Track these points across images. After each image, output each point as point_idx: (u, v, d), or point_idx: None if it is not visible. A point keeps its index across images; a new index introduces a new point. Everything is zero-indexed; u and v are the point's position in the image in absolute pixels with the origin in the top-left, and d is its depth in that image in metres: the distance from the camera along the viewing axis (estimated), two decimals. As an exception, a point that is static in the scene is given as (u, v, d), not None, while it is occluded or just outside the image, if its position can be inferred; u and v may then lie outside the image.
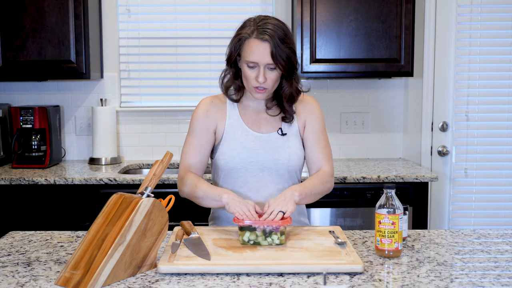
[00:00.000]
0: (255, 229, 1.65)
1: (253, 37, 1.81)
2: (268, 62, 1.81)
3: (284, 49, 1.81)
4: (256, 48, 1.81)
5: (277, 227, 1.66)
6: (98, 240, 1.43)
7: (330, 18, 3.11)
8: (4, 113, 3.32)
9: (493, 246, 1.73)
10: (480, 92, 3.44)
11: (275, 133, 1.94)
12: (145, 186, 1.53)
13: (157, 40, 3.50)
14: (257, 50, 1.81)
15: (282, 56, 1.81)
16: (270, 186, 1.92)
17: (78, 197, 2.91)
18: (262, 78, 1.82)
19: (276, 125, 1.96)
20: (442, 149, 3.47)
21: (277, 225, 1.65)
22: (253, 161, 1.90)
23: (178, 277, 1.44)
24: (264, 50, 1.80)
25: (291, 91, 1.91)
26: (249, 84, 1.87)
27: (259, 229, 1.65)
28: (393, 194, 1.60)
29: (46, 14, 3.10)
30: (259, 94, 1.88)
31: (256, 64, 1.82)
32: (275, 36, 1.80)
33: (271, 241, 1.66)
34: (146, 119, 3.51)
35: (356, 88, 3.51)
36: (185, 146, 1.97)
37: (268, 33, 1.80)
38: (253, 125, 1.95)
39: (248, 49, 1.83)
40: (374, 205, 1.66)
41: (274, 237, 1.66)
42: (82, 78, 3.19)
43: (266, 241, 1.66)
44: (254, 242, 1.66)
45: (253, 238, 1.66)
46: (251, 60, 1.82)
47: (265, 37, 1.79)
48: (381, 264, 1.55)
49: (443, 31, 3.42)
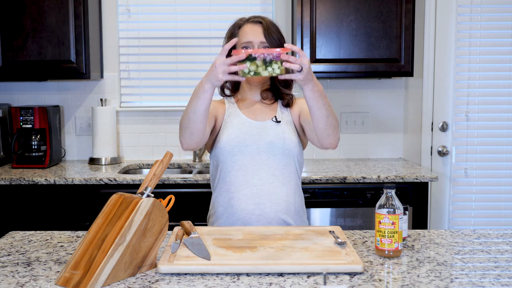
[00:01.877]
0: (255, 58, 1.61)
1: (246, 23, 2.00)
2: (262, 41, 1.95)
3: (275, 32, 1.98)
4: (249, 29, 1.97)
5: (278, 55, 1.60)
6: (98, 240, 1.43)
7: (330, 18, 3.11)
8: (4, 113, 3.32)
9: (493, 246, 1.73)
10: (480, 92, 3.44)
11: (270, 120, 2.01)
12: (145, 186, 1.53)
13: (157, 40, 3.50)
14: (250, 31, 1.97)
15: (274, 37, 1.96)
16: (267, 170, 1.96)
17: (78, 197, 2.91)
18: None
19: (271, 113, 2.04)
20: (442, 149, 3.47)
21: (278, 53, 1.60)
22: (249, 145, 1.96)
23: (178, 277, 1.44)
24: (257, 30, 1.96)
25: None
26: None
27: (259, 58, 1.61)
28: (393, 194, 1.60)
29: (46, 14, 3.10)
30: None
31: (250, 44, 1.95)
32: (266, 21, 1.99)
33: (271, 71, 1.61)
34: (146, 119, 3.51)
35: (356, 88, 3.51)
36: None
37: (259, 19, 2.00)
38: (249, 114, 2.03)
39: (242, 33, 1.98)
40: (374, 205, 1.66)
41: (274, 66, 1.61)
42: (82, 78, 3.19)
43: (267, 71, 1.62)
44: (254, 73, 1.62)
45: (253, 69, 1.62)
46: (245, 40, 1.96)
47: (258, 19, 1.99)
48: (381, 264, 1.55)
49: (443, 31, 3.42)
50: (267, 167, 1.96)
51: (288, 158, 1.98)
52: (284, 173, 1.98)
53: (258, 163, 1.96)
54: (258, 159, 1.96)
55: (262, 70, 1.62)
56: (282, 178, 1.97)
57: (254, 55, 1.61)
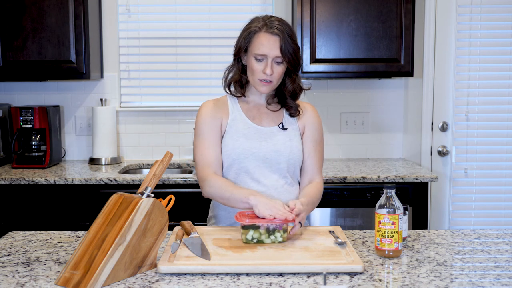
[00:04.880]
0: (259, 227, 1.66)
1: (263, 31, 1.88)
2: (277, 55, 1.87)
3: (291, 44, 1.88)
4: (266, 41, 1.87)
5: (281, 225, 1.66)
6: (98, 240, 1.43)
7: (330, 18, 3.11)
8: (4, 113, 3.32)
9: (493, 246, 1.73)
10: (480, 92, 3.44)
11: (276, 127, 1.98)
12: (145, 186, 1.53)
13: (157, 40, 3.50)
14: (267, 43, 1.87)
15: (290, 50, 1.87)
16: (272, 177, 1.94)
17: (78, 197, 2.91)
18: (269, 70, 1.87)
19: (277, 120, 2.00)
20: (442, 149, 3.47)
21: (281, 223, 1.66)
22: (255, 152, 1.93)
23: (178, 277, 1.44)
24: (274, 43, 1.87)
25: (294, 87, 1.96)
26: (254, 77, 1.91)
27: (263, 227, 1.66)
28: (393, 194, 1.60)
29: (46, 14, 3.10)
30: (264, 87, 1.91)
31: (265, 57, 1.88)
32: (284, 32, 1.87)
33: (274, 239, 1.66)
34: (146, 119, 3.51)
35: (356, 88, 3.51)
36: (197, 149, 1.97)
37: (277, 28, 1.87)
38: (254, 119, 1.98)
39: (257, 42, 1.88)
40: (374, 205, 1.66)
41: (277, 235, 1.67)
42: (82, 78, 3.19)
43: (269, 239, 1.66)
44: (257, 241, 1.66)
45: (256, 236, 1.66)
46: (260, 53, 1.87)
47: (275, 31, 1.87)
48: (381, 264, 1.55)
49: (443, 31, 3.42)
50: (271, 174, 1.94)
51: (293, 165, 1.96)
52: (288, 181, 1.97)
53: (262, 170, 1.94)
54: (263, 166, 1.93)
55: (265, 238, 1.67)
56: (286, 185, 1.96)
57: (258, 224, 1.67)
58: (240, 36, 1.94)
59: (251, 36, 1.90)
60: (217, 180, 1.88)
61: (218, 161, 1.95)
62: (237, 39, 1.96)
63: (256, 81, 1.91)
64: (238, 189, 1.84)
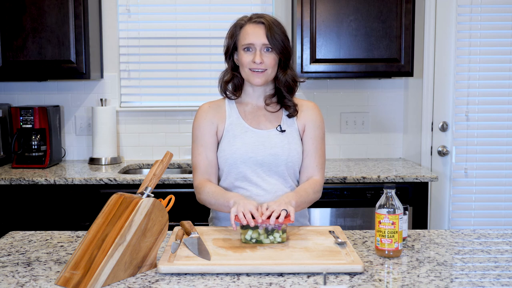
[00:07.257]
0: (258, 227, 1.66)
1: (248, 23, 1.92)
2: (264, 43, 1.88)
3: (278, 32, 1.90)
4: (251, 30, 1.90)
5: (280, 225, 1.66)
6: (98, 240, 1.43)
7: (330, 18, 3.11)
8: (4, 113, 3.32)
9: (493, 246, 1.73)
10: (480, 92, 3.44)
11: (274, 130, 1.96)
12: (145, 186, 1.53)
13: (157, 40, 3.50)
14: (252, 31, 1.89)
15: (277, 38, 1.89)
16: (270, 181, 1.93)
17: (78, 197, 2.91)
18: (258, 58, 1.87)
19: (275, 122, 1.98)
20: (442, 149, 3.47)
21: (280, 223, 1.66)
22: (252, 156, 1.92)
23: (178, 277, 1.44)
24: (260, 31, 1.89)
25: (286, 78, 1.95)
26: (245, 68, 1.91)
27: (262, 227, 1.66)
28: (393, 194, 1.60)
29: (46, 14, 3.10)
30: (257, 78, 1.90)
31: (252, 46, 1.89)
32: (269, 21, 1.90)
33: (273, 239, 1.66)
34: (146, 119, 3.51)
35: (356, 88, 3.51)
36: (193, 155, 1.98)
37: (263, 18, 1.91)
38: (252, 122, 1.97)
39: (244, 33, 1.91)
40: (374, 205, 1.67)
41: (276, 235, 1.67)
42: (82, 78, 3.19)
43: (268, 239, 1.66)
44: (256, 241, 1.66)
45: (255, 237, 1.66)
46: (247, 42, 1.89)
47: (260, 20, 1.91)
48: (381, 264, 1.55)
49: (443, 31, 3.42)
50: (269, 178, 1.93)
51: (290, 169, 1.95)
52: (288, 184, 1.96)
53: (260, 174, 1.93)
54: (260, 170, 1.93)
55: (264, 238, 1.67)
56: (286, 188, 1.95)
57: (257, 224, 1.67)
58: (227, 33, 1.97)
59: (237, 30, 1.93)
60: (206, 187, 1.90)
61: (211, 167, 1.95)
62: (225, 38, 1.99)
63: (248, 72, 1.90)
64: (223, 194, 1.85)
